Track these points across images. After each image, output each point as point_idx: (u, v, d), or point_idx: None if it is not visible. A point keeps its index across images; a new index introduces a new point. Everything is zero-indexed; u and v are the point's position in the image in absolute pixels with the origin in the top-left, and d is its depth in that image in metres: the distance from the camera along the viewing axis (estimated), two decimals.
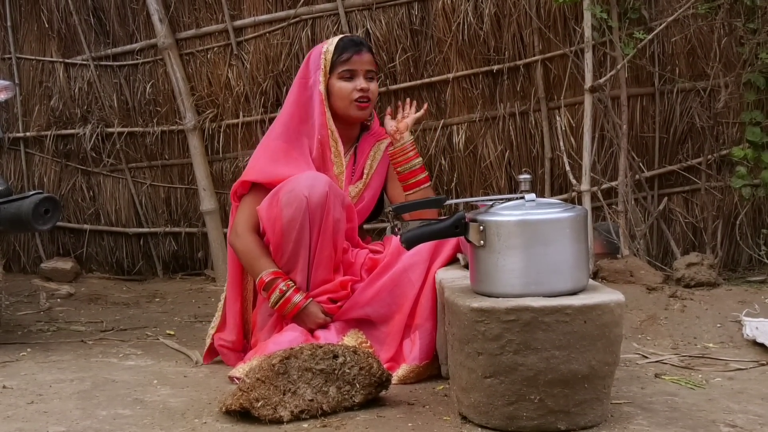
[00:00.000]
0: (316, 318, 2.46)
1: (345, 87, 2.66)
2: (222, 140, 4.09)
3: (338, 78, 2.67)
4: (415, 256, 2.40)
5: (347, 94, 2.66)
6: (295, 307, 2.46)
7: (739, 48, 3.36)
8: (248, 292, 2.65)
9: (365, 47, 2.71)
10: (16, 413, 2.04)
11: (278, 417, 1.91)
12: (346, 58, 2.66)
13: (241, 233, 2.56)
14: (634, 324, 2.75)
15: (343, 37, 2.74)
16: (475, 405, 1.85)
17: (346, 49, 2.67)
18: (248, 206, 2.58)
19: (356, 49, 2.67)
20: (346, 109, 2.67)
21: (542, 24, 3.57)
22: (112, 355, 2.72)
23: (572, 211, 1.85)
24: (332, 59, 2.67)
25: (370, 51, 2.74)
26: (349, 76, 2.67)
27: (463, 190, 3.78)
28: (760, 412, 1.96)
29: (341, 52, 2.67)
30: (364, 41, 2.78)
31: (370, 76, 2.70)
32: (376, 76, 2.74)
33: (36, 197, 2.70)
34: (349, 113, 2.68)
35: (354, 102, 2.66)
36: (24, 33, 4.41)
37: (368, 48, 2.73)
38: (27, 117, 4.43)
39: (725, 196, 3.45)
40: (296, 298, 2.46)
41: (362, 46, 2.70)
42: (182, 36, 4.10)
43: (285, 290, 2.46)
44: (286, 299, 2.46)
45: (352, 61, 2.66)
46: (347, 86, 2.66)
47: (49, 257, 4.41)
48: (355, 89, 2.65)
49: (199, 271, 4.31)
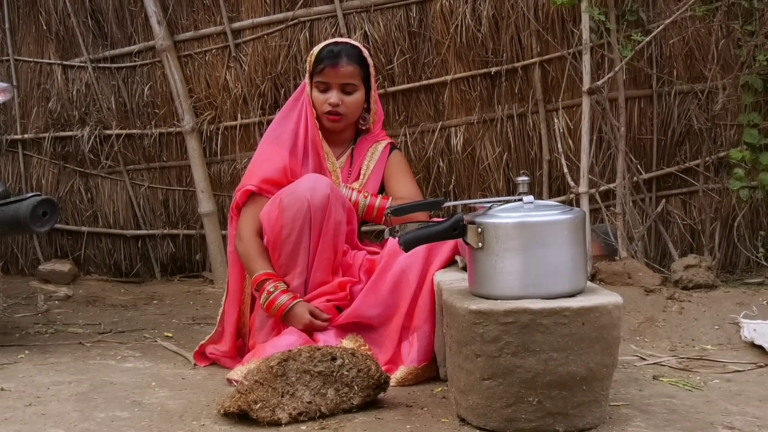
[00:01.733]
0: (302, 319, 2.44)
1: (317, 98, 2.69)
2: (220, 142, 4.09)
3: (314, 87, 2.69)
4: (410, 257, 2.40)
5: (319, 105, 2.68)
6: (281, 308, 2.46)
7: (736, 50, 3.37)
8: (247, 296, 2.66)
9: (344, 59, 2.65)
10: (14, 415, 2.03)
11: (276, 419, 1.91)
12: (320, 70, 2.67)
13: (245, 236, 2.58)
14: (632, 326, 2.75)
15: (326, 46, 2.70)
16: (474, 407, 1.85)
17: (322, 61, 2.66)
18: (250, 212, 2.60)
19: (332, 62, 2.64)
20: (320, 118, 2.70)
21: (540, 26, 3.57)
22: (110, 357, 2.72)
23: (570, 213, 1.85)
24: (312, 67, 2.68)
25: (355, 61, 2.67)
26: (324, 88, 2.68)
27: (461, 192, 3.78)
28: (758, 414, 1.96)
29: (318, 62, 2.67)
30: (345, 52, 2.67)
31: (349, 90, 2.67)
32: (359, 87, 2.69)
33: (34, 199, 2.70)
34: (322, 123, 2.70)
35: (324, 114, 2.68)
36: (22, 35, 4.40)
37: (351, 59, 2.66)
38: (25, 119, 4.42)
39: (723, 198, 3.46)
40: (282, 299, 2.46)
41: (338, 59, 2.65)
42: (180, 38, 4.10)
43: (272, 291, 2.47)
44: (271, 300, 2.46)
45: (326, 74, 2.66)
46: (319, 98, 2.68)
47: (46, 259, 4.40)
48: (326, 102, 2.67)
49: (197, 273, 4.31)
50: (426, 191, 3.78)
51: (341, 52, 2.67)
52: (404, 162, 2.88)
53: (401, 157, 2.88)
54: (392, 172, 2.81)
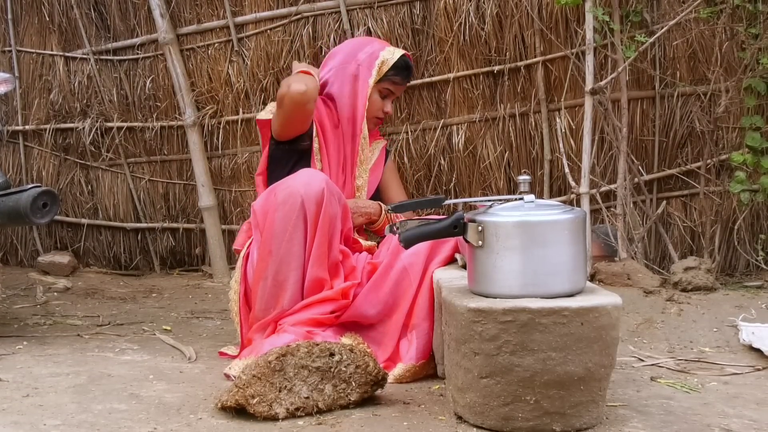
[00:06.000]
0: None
1: (376, 102, 2.83)
2: (221, 136, 4.09)
3: (377, 90, 2.83)
4: (412, 256, 2.40)
5: (374, 108, 2.83)
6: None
7: (740, 53, 3.36)
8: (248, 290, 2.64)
9: (412, 77, 2.93)
10: (11, 406, 2.03)
11: (274, 414, 1.91)
12: (393, 79, 2.84)
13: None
14: (631, 327, 2.75)
15: (404, 56, 2.87)
16: (471, 405, 1.85)
17: (399, 71, 2.84)
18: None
19: (406, 78, 2.89)
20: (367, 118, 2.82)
21: (544, 25, 3.56)
22: (109, 349, 2.72)
23: (571, 213, 1.85)
24: (384, 72, 2.80)
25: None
26: (385, 95, 2.85)
27: (462, 191, 3.78)
28: (755, 417, 1.96)
29: (397, 71, 2.83)
30: (413, 73, 2.96)
31: (394, 101, 2.93)
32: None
33: (34, 191, 2.70)
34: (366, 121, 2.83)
35: (375, 118, 2.85)
36: (24, 26, 4.40)
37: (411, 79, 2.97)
38: (26, 110, 4.42)
39: (724, 201, 3.45)
40: None
41: (411, 76, 2.95)
42: (183, 31, 4.10)
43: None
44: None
45: (396, 86, 2.87)
46: (378, 102, 2.84)
47: (46, 251, 4.41)
48: (382, 109, 2.85)
49: (196, 267, 4.31)
50: (427, 189, 3.78)
51: (412, 68, 2.92)
52: (396, 170, 3.16)
53: (394, 164, 3.15)
54: (389, 178, 2.99)
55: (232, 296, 2.64)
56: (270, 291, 2.46)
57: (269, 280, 2.46)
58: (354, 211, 2.71)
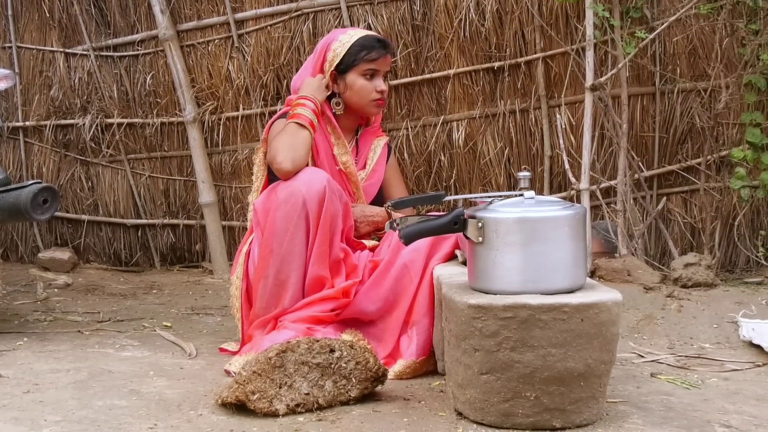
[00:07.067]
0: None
1: (366, 86, 2.75)
2: (222, 133, 4.09)
3: (360, 75, 2.75)
4: (413, 252, 2.40)
5: (367, 93, 2.76)
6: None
7: (740, 49, 3.36)
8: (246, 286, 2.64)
9: (390, 49, 2.80)
10: (11, 402, 2.04)
11: (274, 410, 1.91)
12: (371, 58, 2.74)
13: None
14: (631, 323, 2.75)
15: (368, 35, 2.79)
16: (471, 401, 1.86)
17: (371, 49, 2.74)
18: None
19: (384, 50, 2.77)
20: (363, 106, 2.78)
21: (544, 21, 3.56)
22: (109, 345, 2.72)
23: (571, 209, 1.85)
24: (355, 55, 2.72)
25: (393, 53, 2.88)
26: (371, 76, 2.76)
27: (462, 187, 3.78)
28: (754, 413, 1.96)
29: (367, 50, 2.74)
30: (389, 43, 2.84)
31: (385, 77, 2.83)
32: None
33: (34, 187, 2.70)
34: (366, 110, 2.80)
35: (372, 101, 2.77)
36: (25, 22, 4.39)
37: (392, 50, 2.84)
38: (26, 106, 4.42)
39: (724, 197, 3.45)
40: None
41: (389, 47, 2.80)
42: (183, 27, 4.09)
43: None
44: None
45: (378, 61, 2.76)
46: (368, 85, 2.75)
47: (46, 247, 4.41)
48: (375, 90, 2.76)
49: (196, 264, 4.31)
50: (427, 185, 3.78)
51: (387, 42, 2.82)
52: (398, 167, 3.11)
53: (396, 161, 3.08)
54: (391, 175, 2.95)
55: (234, 292, 2.64)
56: (271, 290, 2.47)
57: (270, 279, 2.46)
58: (360, 220, 2.70)
